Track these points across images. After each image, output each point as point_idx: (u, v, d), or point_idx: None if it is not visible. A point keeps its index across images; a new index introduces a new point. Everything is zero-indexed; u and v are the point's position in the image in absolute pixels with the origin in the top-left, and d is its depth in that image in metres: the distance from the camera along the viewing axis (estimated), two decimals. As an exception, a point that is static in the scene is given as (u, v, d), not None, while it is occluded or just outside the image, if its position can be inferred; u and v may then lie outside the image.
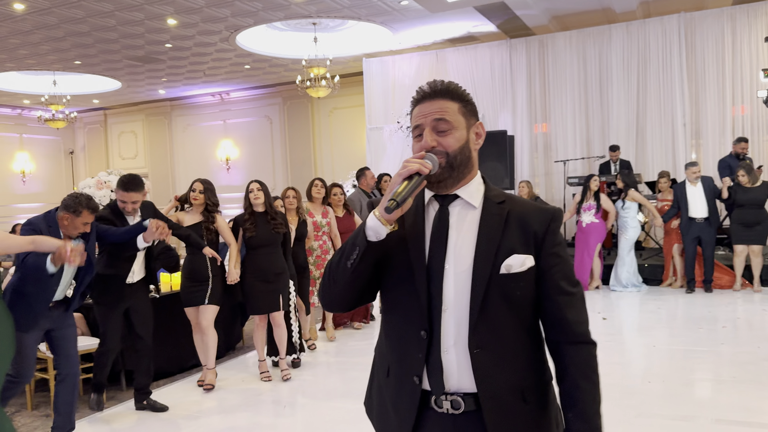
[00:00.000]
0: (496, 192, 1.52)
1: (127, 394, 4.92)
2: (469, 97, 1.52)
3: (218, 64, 12.63)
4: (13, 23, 9.29)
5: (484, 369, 1.41)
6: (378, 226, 1.40)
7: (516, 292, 1.42)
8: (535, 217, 1.47)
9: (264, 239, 4.87)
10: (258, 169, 15.59)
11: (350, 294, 1.51)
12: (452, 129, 1.45)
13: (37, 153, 16.79)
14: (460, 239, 1.46)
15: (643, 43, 10.37)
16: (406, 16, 9.89)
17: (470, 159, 1.48)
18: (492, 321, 1.41)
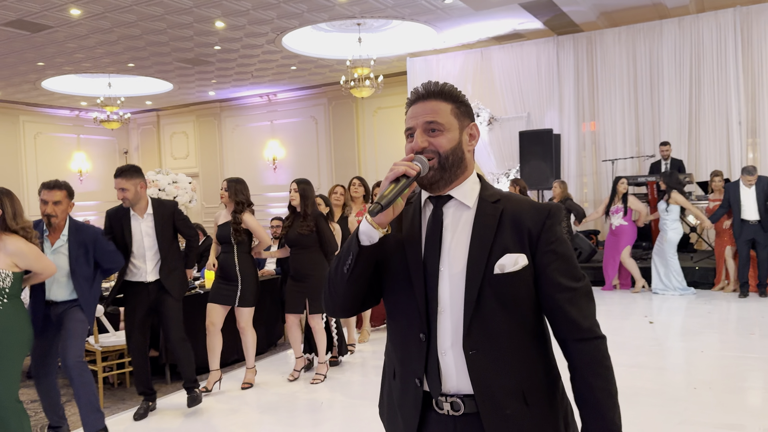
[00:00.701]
0: (491, 191, 1.51)
1: (170, 387, 5.05)
2: (463, 98, 1.52)
3: (265, 65, 12.84)
4: (70, 28, 9.67)
5: (480, 371, 1.40)
6: (370, 230, 1.42)
7: (511, 292, 1.41)
8: (529, 214, 1.44)
9: (292, 239, 4.90)
10: (303, 169, 15.79)
11: (350, 299, 1.52)
12: (444, 130, 1.46)
13: (94, 153, 17.44)
14: (454, 240, 1.46)
15: (697, 38, 10.02)
16: (450, 14, 9.84)
17: (463, 160, 1.48)
18: (487, 322, 1.40)
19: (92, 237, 3.82)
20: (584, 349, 1.44)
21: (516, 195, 1.53)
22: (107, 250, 3.88)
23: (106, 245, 3.89)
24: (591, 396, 1.43)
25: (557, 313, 1.44)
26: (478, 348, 1.41)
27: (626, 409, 1.49)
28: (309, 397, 4.69)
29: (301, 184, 4.96)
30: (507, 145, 11.09)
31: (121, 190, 4.17)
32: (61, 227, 3.79)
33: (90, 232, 3.84)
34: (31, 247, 3.33)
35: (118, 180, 4.17)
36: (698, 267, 8.33)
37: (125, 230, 4.23)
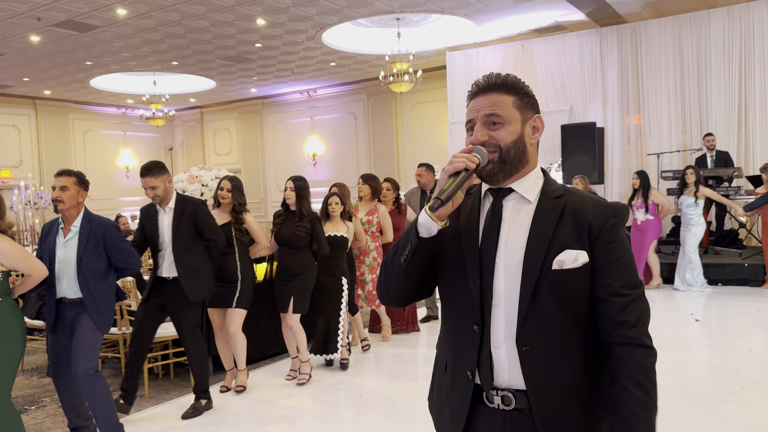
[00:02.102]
0: (554, 186, 1.47)
1: (212, 378, 5.15)
2: (527, 89, 1.48)
3: (305, 62, 12.96)
4: (116, 27, 9.94)
5: (534, 367, 1.38)
6: (429, 222, 1.41)
7: (567, 288, 1.37)
8: (592, 211, 1.40)
9: (285, 238, 4.72)
10: (343, 165, 15.89)
11: (405, 289, 1.52)
12: (505, 123, 1.43)
13: (140, 149, 17.91)
14: (512, 233, 1.43)
15: (747, 27, 9.68)
16: (490, 7, 9.74)
17: (525, 153, 1.45)
18: (542, 318, 1.37)
19: (103, 229, 3.63)
20: (629, 353, 1.37)
21: (580, 191, 1.48)
22: (119, 246, 3.65)
23: (119, 240, 3.67)
24: (627, 406, 1.36)
25: (606, 316, 1.39)
26: (532, 344, 1.38)
27: (670, 408, 1.44)
28: (321, 408, 4.72)
29: (297, 181, 4.76)
30: (549, 139, 10.91)
31: (151, 189, 4.10)
32: (73, 218, 3.63)
33: (101, 223, 3.66)
34: (16, 246, 3.23)
35: (146, 179, 4.10)
36: (747, 264, 8.07)
37: (153, 225, 4.19)
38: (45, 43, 10.66)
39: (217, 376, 5.04)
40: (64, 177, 3.64)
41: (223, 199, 4.59)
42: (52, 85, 14.02)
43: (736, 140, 9.82)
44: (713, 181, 8.87)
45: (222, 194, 4.58)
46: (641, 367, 1.37)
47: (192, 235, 4.17)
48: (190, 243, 4.15)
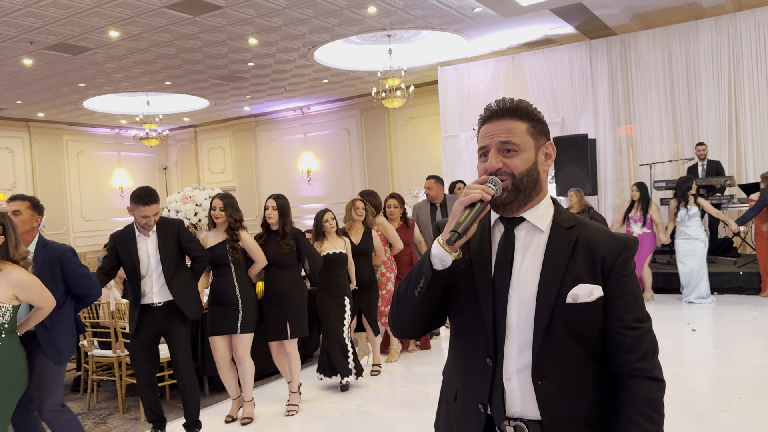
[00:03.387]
0: (566, 216, 1.46)
1: (209, 400, 5.12)
2: (539, 116, 1.48)
3: (298, 79, 13.02)
4: (108, 49, 9.98)
5: (549, 399, 1.38)
6: (443, 254, 1.39)
7: (582, 321, 1.37)
8: (605, 244, 1.40)
9: (270, 258, 4.51)
10: (337, 180, 15.91)
11: (419, 320, 1.50)
12: (519, 150, 1.42)
13: (134, 170, 17.91)
14: (524, 264, 1.42)
15: (735, 38, 9.79)
16: (480, 22, 9.83)
17: (538, 181, 1.44)
18: (556, 351, 1.38)
19: (59, 253, 3.43)
20: (639, 388, 1.38)
21: (590, 222, 1.48)
22: (77, 271, 3.46)
23: (76, 264, 3.48)
24: None
25: (617, 348, 1.40)
26: (547, 378, 1.38)
27: (669, 420, 1.45)
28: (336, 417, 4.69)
29: (279, 200, 4.60)
30: (541, 151, 10.95)
31: (146, 217, 3.94)
32: (27, 244, 3.40)
33: (57, 249, 3.46)
34: (33, 278, 3.10)
35: (147, 208, 3.91)
36: (742, 272, 8.09)
37: (132, 252, 3.99)
38: (38, 66, 10.68)
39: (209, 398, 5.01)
40: (17, 201, 3.43)
41: (217, 219, 4.40)
42: (45, 107, 14.03)
43: (728, 149, 9.89)
44: (705, 191, 8.92)
45: (215, 214, 4.40)
46: (650, 400, 1.37)
47: (177, 255, 4.11)
48: (176, 263, 4.09)
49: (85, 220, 16.23)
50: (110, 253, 4.10)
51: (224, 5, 8.35)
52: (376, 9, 8.89)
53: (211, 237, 4.42)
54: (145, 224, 3.98)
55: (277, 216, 4.56)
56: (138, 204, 3.91)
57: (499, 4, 8.79)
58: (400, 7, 8.87)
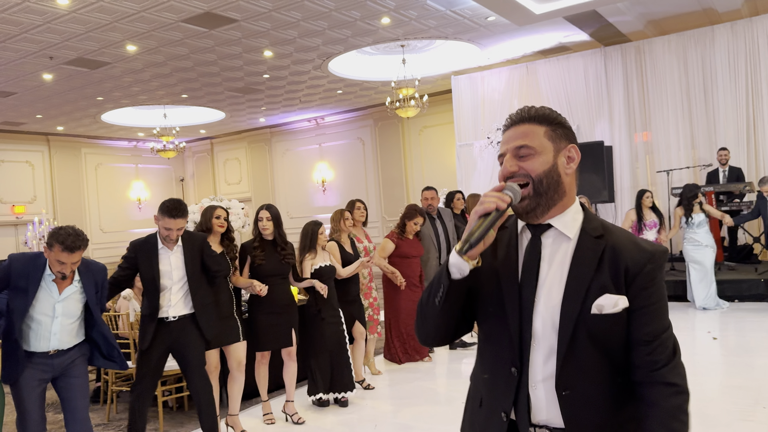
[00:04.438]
0: (595, 224, 1.43)
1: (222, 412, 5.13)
2: (560, 119, 1.46)
3: (312, 90, 13.11)
4: (126, 63, 10.13)
5: (573, 409, 1.37)
6: (460, 263, 1.38)
7: (606, 331, 1.36)
8: (630, 255, 1.38)
9: (274, 268, 4.51)
10: (352, 190, 15.95)
11: (443, 328, 1.50)
12: (535, 153, 1.41)
13: (151, 181, 18.11)
14: (551, 273, 1.41)
15: (751, 42, 9.70)
16: (494, 31, 9.84)
17: (560, 184, 1.42)
18: (580, 361, 1.36)
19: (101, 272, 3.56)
20: (660, 396, 1.37)
21: (619, 229, 1.45)
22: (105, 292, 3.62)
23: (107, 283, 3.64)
24: None
25: (638, 357, 1.38)
26: (571, 388, 1.37)
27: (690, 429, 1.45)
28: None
29: (271, 209, 4.58)
30: (556, 159, 10.91)
31: (178, 230, 3.86)
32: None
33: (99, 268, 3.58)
34: None
35: (178, 220, 3.81)
36: (763, 279, 7.97)
37: (153, 263, 3.89)
38: (57, 81, 10.87)
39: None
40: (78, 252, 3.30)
41: (221, 227, 4.39)
42: (64, 121, 14.25)
43: (746, 155, 9.78)
44: (725, 197, 8.82)
45: (219, 222, 4.37)
46: (671, 407, 1.36)
47: (201, 269, 4.04)
48: (201, 278, 4.03)
49: (103, 232, 16.42)
50: (128, 263, 3.97)
51: (239, 18, 8.45)
52: (390, 20, 8.94)
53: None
54: (167, 237, 3.87)
55: (272, 227, 4.53)
56: (164, 215, 3.81)
57: (512, 13, 8.80)
58: (413, 17, 8.91)
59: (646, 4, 9.28)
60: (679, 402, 1.36)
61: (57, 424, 5.06)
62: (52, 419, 5.21)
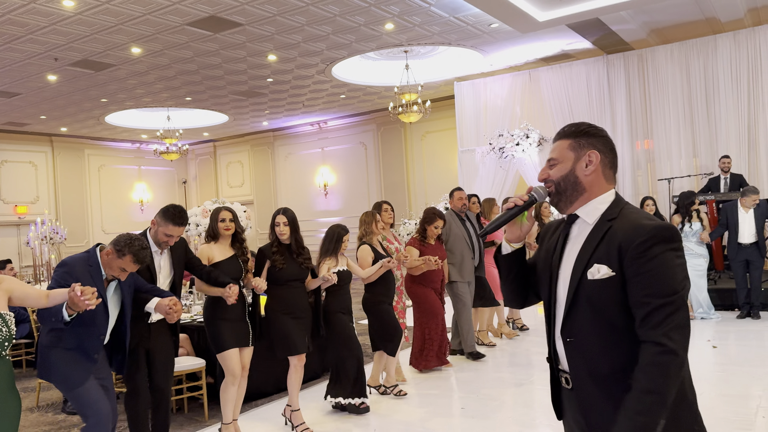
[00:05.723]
0: (614, 211, 1.73)
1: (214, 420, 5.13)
2: (585, 131, 1.79)
3: (316, 95, 13.15)
4: (131, 65, 10.18)
5: (573, 356, 1.73)
6: (505, 245, 1.92)
7: (598, 295, 1.66)
8: (624, 233, 1.65)
9: (294, 273, 4.43)
10: (354, 194, 15.99)
11: (513, 293, 1.98)
12: (557, 163, 1.80)
13: (154, 183, 18.15)
14: (571, 250, 1.77)
15: (754, 52, 9.73)
16: (497, 38, 9.88)
17: (577, 184, 1.77)
18: (578, 317, 1.70)
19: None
20: (645, 352, 1.57)
21: (634, 215, 1.70)
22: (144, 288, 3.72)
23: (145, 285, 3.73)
24: (627, 398, 1.57)
25: (636, 320, 1.61)
26: (572, 336, 1.72)
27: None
28: None
29: (288, 213, 4.47)
30: (558, 166, 10.94)
31: (171, 237, 3.85)
32: None
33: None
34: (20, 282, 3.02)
35: (177, 228, 3.82)
36: (765, 288, 7.97)
37: (151, 267, 3.87)
38: (61, 82, 10.92)
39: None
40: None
41: (227, 230, 4.24)
42: (68, 122, 14.30)
43: (747, 163, 9.80)
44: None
45: (226, 225, 4.24)
46: (653, 362, 1.54)
47: (182, 273, 4.09)
48: (180, 281, 4.06)
49: (105, 233, 16.44)
50: None
51: (244, 23, 8.50)
52: (394, 25, 8.99)
53: (218, 252, 4.24)
54: (165, 242, 3.86)
55: (289, 231, 4.43)
56: (169, 222, 3.79)
57: (515, 20, 8.84)
58: (417, 23, 8.96)
59: (649, 13, 9.31)
60: (662, 360, 1.53)
61: (56, 425, 5.08)
62: (51, 420, 5.23)
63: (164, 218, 3.80)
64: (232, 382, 4.18)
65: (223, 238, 4.26)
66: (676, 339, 1.55)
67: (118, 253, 3.27)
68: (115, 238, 3.33)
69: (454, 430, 4.46)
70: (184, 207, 4.08)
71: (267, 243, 4.52)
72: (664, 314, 1.55)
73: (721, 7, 9.12)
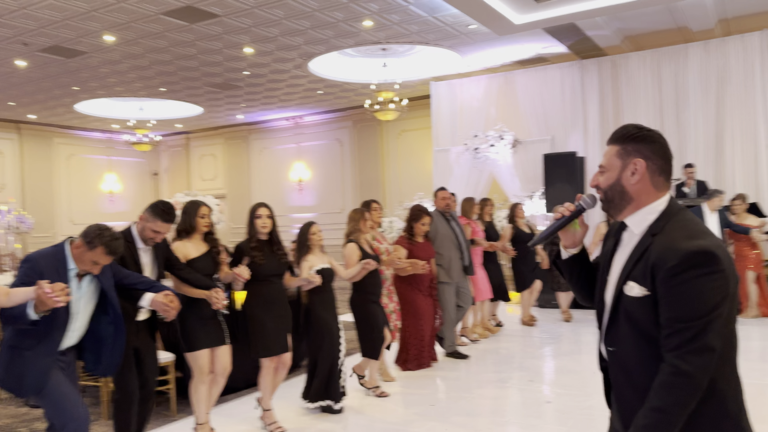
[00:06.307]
0: (660, 224, 1.71)
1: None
2: (633, 136, 1.77)
3: (292, 90, 13.08)
4: (103, 53, 10.00)
5: (614, 364, 1.79)
6: (562, 250, 1.99)
7: (632, 310, 1.70)
8: (660, 253, 1.65)
9: (274, 268, 4.34)
10: (328, 191, 15.96)
11: (582, 294, 2.02)
12: (605, 171, 1.81)
13: (124, 174, 17.86)
14: (619, 259, 1.80)
15: (723, 62, 9.96)
16: (474, 39, 9.95)
17: (624, 193, 1.77)
18: (619, 328, 1.75)
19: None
20: (660, 372, 1.61)
21: (677, 233, 1.66)
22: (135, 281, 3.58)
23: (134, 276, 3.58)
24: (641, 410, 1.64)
25: (662, 337, 1.64)
26: (613, 346, 1.78)
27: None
28: None
29: (269, 208, 4.41)
30: (531, 167, 11.08)
31: (158, 233, 3.74)
32: None
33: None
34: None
35: (165, 225, 3.72)
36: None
37: (138, 263, 3.76)
38: (31, 68, 10.68)
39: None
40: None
41: (206, 227, 4.16)
42: (37, 109, 13.99)
43: (714, 170, 10.03)
44: (691, 212, 9.00)
45: (206, 222, 4.15)
46: (662, 383, 1.60)
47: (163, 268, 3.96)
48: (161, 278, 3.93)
49: (73, 224, 16.14)
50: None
51: (221, 14, 8.42)
52: (373, 23, 8.99)
53: (192, 248, 4.09)
54: (152, 239, 3.75)
55: (271, 224, 4.34)
56: (157, 218, 3.69)
57: (493, 23, 8.91)
58: (395, 21, 8.97)
59: (623, 20, 9.47)
60: (673, 381, 1.57)
61: (19, 417, 4.98)
62: (13, 413, 5.13)
63: (153, 214, 3.69)
64: (201, 381, 4.09)
65: (197, 234, 4.15)
66: (692, 362, 1.56)
67: (89, 245, 3.07)
68: (85, 229, 3.13)
69: (433, 430, 4.49)
70: (154, 198, 3.98)
71: (244, 240, 4.39)
72: (683, 338, 1.57)
73: (692, 16, 9.32)
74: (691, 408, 1.57)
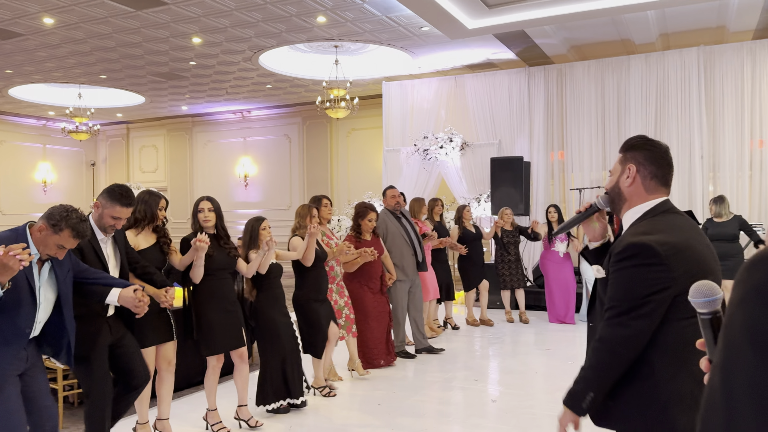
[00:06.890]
0: (638, 221, 1.96)
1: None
2: (632, 144, 2.04)
3: (240, 82, 12.84)
4: (41, 36, 9.55)
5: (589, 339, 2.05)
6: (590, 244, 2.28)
7: (600, 291, 2.03)
8: (617, 244, 1.92)
9: (223, 262, 4.24)
10: (275, 187, 15.75)
11: None
12: (611, 175, 2.08)
13: (60, 164, 17.11)
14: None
15: (662, 74, 10.37)
16: (427, 41, 10.01)
17: (620, 194, 2.03)
18: (594, 307, 2.08)
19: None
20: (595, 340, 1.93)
21: (640, 228, 1.91)
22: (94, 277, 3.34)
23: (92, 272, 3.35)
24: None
25: None
26: (592, 322, 2.10)
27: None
28: None
29: (213, 201, 4.33)
30: (479, 170, 11.24)
31: (118, 219, 3.47)
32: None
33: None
34: None
35: (125, 210, 3.46)
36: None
37: (99, 254, 3.51)
38: (-39, 48, 10.10)
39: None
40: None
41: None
42: (-34, 91, 13.25)
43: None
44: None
45: (162, 213, 4.07)
46: (591, 348, 1.93)
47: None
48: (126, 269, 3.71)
49: (3, 214, 15.36)
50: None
51: (169, 2, 8.17)
52: (326, 19, 8.92)
53: (142, 240, 3.98)
54: (112, 226, 3.49)
55: (214, 218, 4.27)
56: (116, 203, 3.41)
57: (446, 26, 8.99)
58: (349, 19, 8.93)
59: (570, 30, 9.73)
60: (596, 346, 1.90)
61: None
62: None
63: (110, 199, 3.42)
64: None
65: (149, 225, 4.04)
66: (610, 332, 1.86)
67: (54, 228, 2.84)
68: (48, 211, 2.90)
69: (379, 430, 4.48)
70: (91, 190, 3.76)
71: (190, 233, 4.28)
72: (611, 314, 1.87)
73: (635, 30, 9.66)
74: (614, 371, 1.83)
